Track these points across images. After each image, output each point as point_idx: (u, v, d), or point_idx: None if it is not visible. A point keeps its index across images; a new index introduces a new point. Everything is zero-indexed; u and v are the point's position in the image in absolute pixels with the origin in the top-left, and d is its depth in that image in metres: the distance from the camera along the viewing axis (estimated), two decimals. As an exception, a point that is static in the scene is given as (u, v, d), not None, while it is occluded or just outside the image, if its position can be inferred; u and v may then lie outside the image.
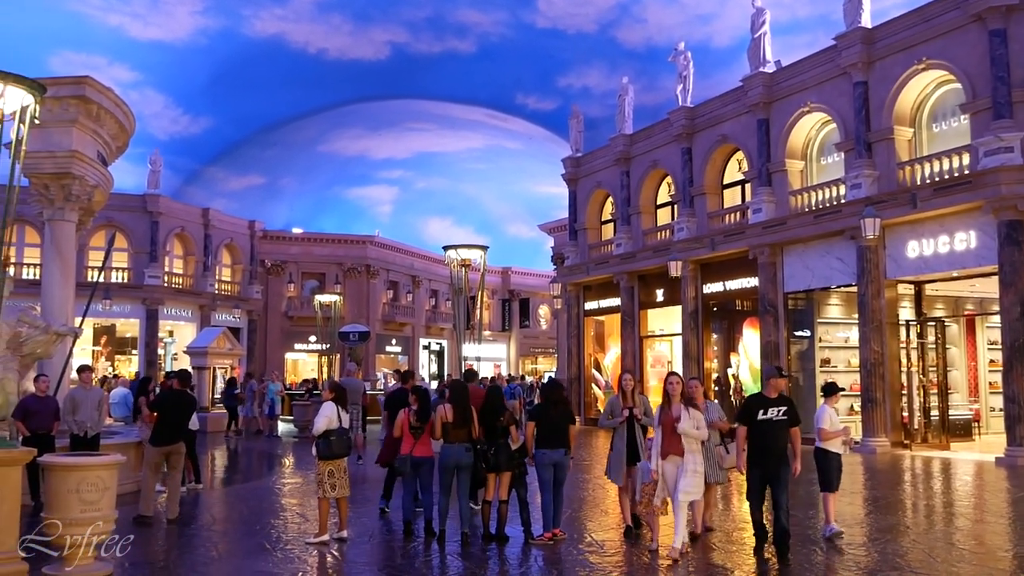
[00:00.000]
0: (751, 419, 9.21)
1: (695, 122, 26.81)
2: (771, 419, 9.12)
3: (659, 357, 30.13)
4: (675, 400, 9.29)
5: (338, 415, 10.13)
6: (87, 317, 16.61)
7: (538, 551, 9.62)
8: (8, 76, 7.47)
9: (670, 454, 9.15)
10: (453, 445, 10.10)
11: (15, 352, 13.48)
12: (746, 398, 9.85)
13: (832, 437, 10.35)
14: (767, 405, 9.19)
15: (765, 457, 9.10)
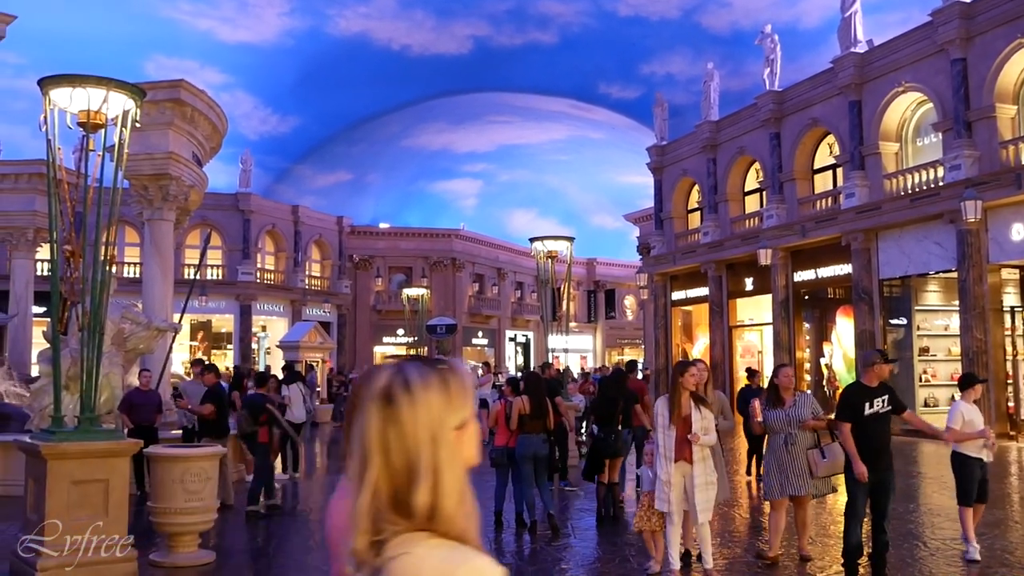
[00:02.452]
0: (858, 414, 7.61)
1: (783, 106, 26.24)
2: (877, 412, 7.59)
3: (748, 347, 29.65)
4: (684, 395, 7.69)
5: None
6: (185, 313, 17.13)
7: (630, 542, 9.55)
8: (110, 82, 7.70)
9: (680, 459, 7.65)
10: (530, 436, 10.22)
11: (119, 348, 14.00)
12: (845, 389, 8.24)
13: (964, 439, 8.52)
14: (872, 396, 7.61)
15: (874, 459, 7.52)
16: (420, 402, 1.60)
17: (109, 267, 7.92)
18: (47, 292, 23.84)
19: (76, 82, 7.66)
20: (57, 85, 7.67)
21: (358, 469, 1.61)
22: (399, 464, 1.58)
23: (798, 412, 8.14)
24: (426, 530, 1.57)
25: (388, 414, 1.60)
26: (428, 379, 1.63)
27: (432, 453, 1.59)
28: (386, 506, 1.58)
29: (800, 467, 8.11)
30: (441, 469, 1.60)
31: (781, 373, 8.46)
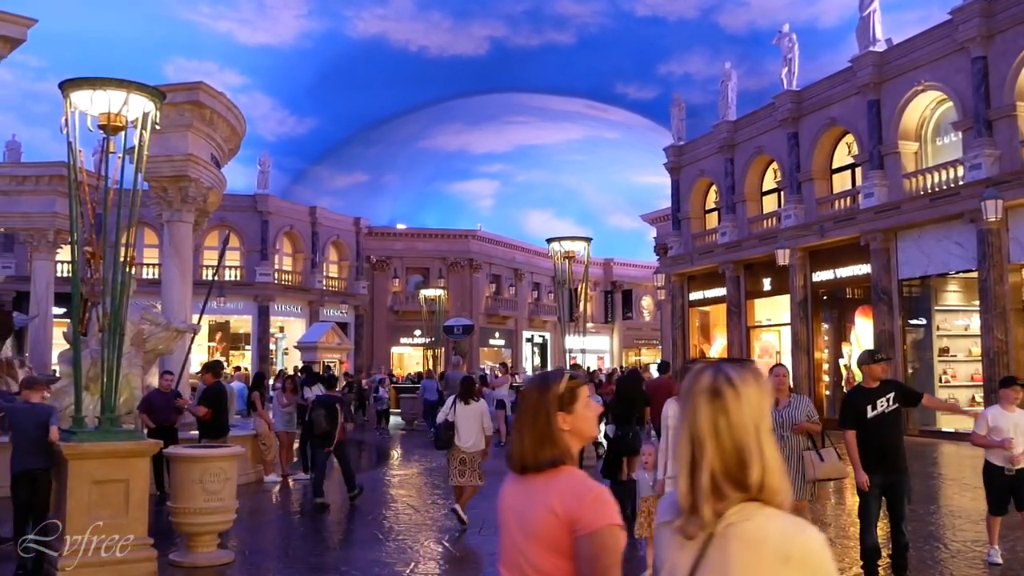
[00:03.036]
0: (861, 418, 7.41)
1: (801, 106, 26.11)
2: (883, 413, 7.32)
3: (766, 348, 29.51)
4: None
5: (452, 409, 10.62)
6: (204, 314, 17.22)
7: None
8: (131, 85, 7.76)
9: None
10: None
11: (139, 348, 14.08)
12: (846, 394, 7.98)
13: (985, 446, 8.28)
14: (873, 398, 7.38)
15: (883, 461, 7.31)
16: (743, 395, 2.02)
17: (129, 269, 7.98)
18: (67, 293, 24.06)
19: (97, 85, 7.72)
20: (78, 88, 7.74)
21: (689, 452, 2.03)
22: (728, 447, 1.99)
23: (792, 414, 7.82)
24: (756, 500, 1.98)
25: (717, 406, 2.01)
26: (745, 376, 2.05)
27: (757, 437, 2.00)
28: (722, 481, 1.98)
29: (791, 470, 7.57)
30: (765, 450, 2.00)
31: (774, 373, 8.11)
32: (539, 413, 2.65)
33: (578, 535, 2.43)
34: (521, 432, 2.67)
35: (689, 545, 2.03)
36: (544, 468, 2.59)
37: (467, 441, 10.57)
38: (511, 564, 2.60)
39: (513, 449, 2.69)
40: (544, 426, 2.63)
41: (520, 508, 2.60)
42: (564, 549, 2.47)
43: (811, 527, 1.99)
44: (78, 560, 7.27)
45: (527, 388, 2.81)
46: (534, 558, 2.51)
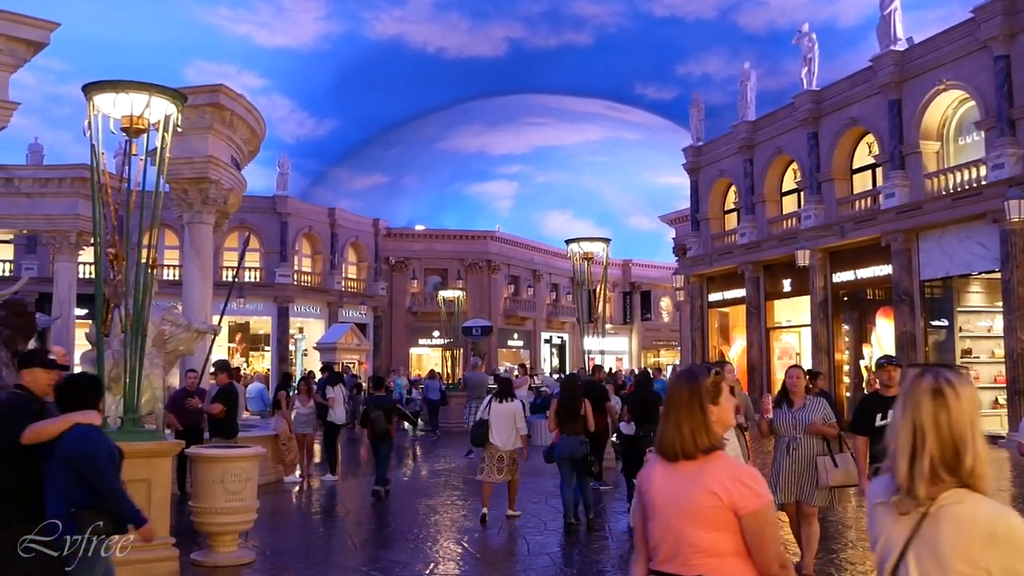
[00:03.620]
0: (868, 426, 7.10)
1: (821, 106, 25.97)
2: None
3: (786, 349, 29.37)
4: None
5: (487, 408, 11.09)
6: (224, 315, 17.31)
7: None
8: (153, 87, 7.82)
9: None
10: (567, 437, 10.46)
11: (160, 349, 14.14)
12: (861, 399, 7.75)
13: None
14: (886, 407, 6.76)
15: None
16: (962, 395, 2.43)
17: (151, 270, 8.03)
18: (89, 295, 24.13)
19: (119, 88, 7.78)
20: (101, 91, 7.80)
21: (910, 442, 2.42)
22: (947, 439, 2.39)
23: (807, 416, 7.60)
24: (965, 486, 2.37)
25: (939, 403, 2.42)
26: (962, 379, 2.47)
27: (972, 431, 2.40)
28: (939, 468, 2.38)
29: (800, 475, 7.52)
30: (977, 442, 2.40)
31: (789, 375, 7.94)
32: (692, 406, 3.06)
33: (743, 514, 2.89)
34: (676, 423, 3.06)
35: (903, 520, 2.44)
36: (700, 455, 3.00)
37: (501, 439, 10.91)
38: (664, 541, 2.99)
39: (666, 439, 3.07)
40: (698, 417, 3.04)
41: (675, 491, 2.99)
42: (722, 525, 2.90)
43: (1015, 513, 2.35)
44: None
45: (675, 384, 3.20)
46: (691, 535, 2.91)
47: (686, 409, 3.05)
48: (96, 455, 4.95)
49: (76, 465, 4.91)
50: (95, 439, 5.03)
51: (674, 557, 2.95)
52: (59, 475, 4.93)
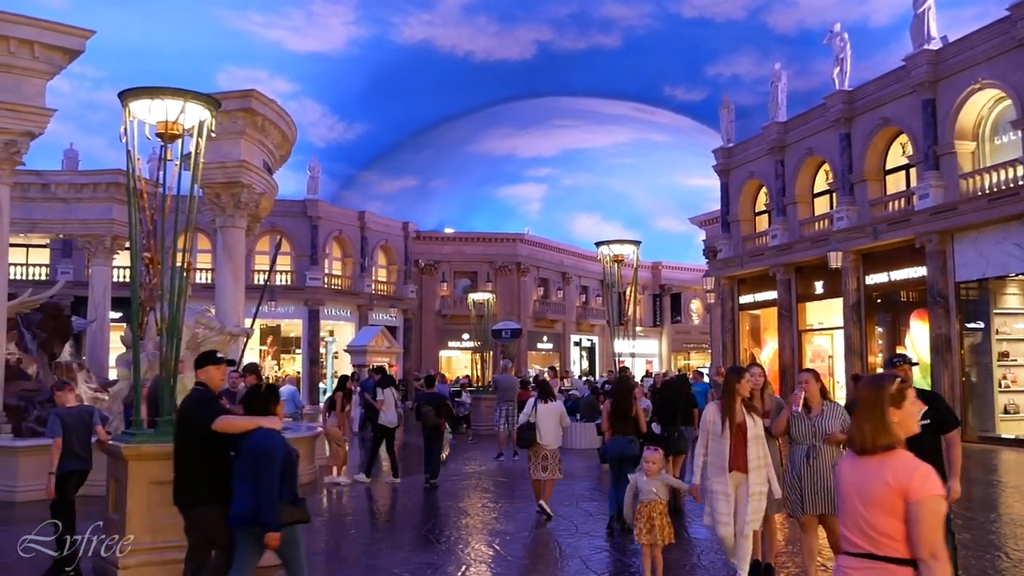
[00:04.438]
0: None
1: (854, 106, 25.75)
2: None
3: (819, 352, 29.13)
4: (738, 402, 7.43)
5: (532, 409, 11.46)
6: (256, 318, 17.43)
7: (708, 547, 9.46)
8: (187, 94, 7.90)
9: (735, 469, 7.32)
10: (617, 437, 10.56)
11: (193, 352, 14.30)
12: None
13: None
14: None
15: None
16: None
17: (186, 274, 8.12)
18: (123, 298, 24.34)
19: (155, 94, 7.87)
20: (137, 97, 7.89)
21: None
22: None
23: (825, 423, 7.30)
24: None
25: None
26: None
27: None
28: None
29: (821, 484, 7.21)
30: None
31: (802, 379, 7.64)
32: (876, 408, 3.54)
33: (909, 501, 3.30)
34: (861, 423, 3.56)
35: None
36: (880, 451, 3.47)
37: (547, 438, 11.36)
38: (852, 525, 3.47)
39: (854, 435, 3.60)
40: (880, 418, 3.50)
41: (859, 481, 3.48)
42: (897, 512, 3.33)
43: None
44: (138, 559, 7.41)
45: (863, 387, 3.68)
46: (872, 520, 3.38)
47: (869, 410, 3.54)
48: (273, 456, 5.82)
49: (256, 460, 5.79)
50: (276, 441, 5.93)
51: (862, 539, 3.42)
52: (247, 468, 5.85)
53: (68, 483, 8.33)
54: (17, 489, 12.16)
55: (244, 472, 5.87)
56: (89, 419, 8.60)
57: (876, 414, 3.49)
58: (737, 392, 7.39)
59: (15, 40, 14.27)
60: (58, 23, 14.94)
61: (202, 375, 6.42)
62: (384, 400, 15.75)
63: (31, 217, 24.05)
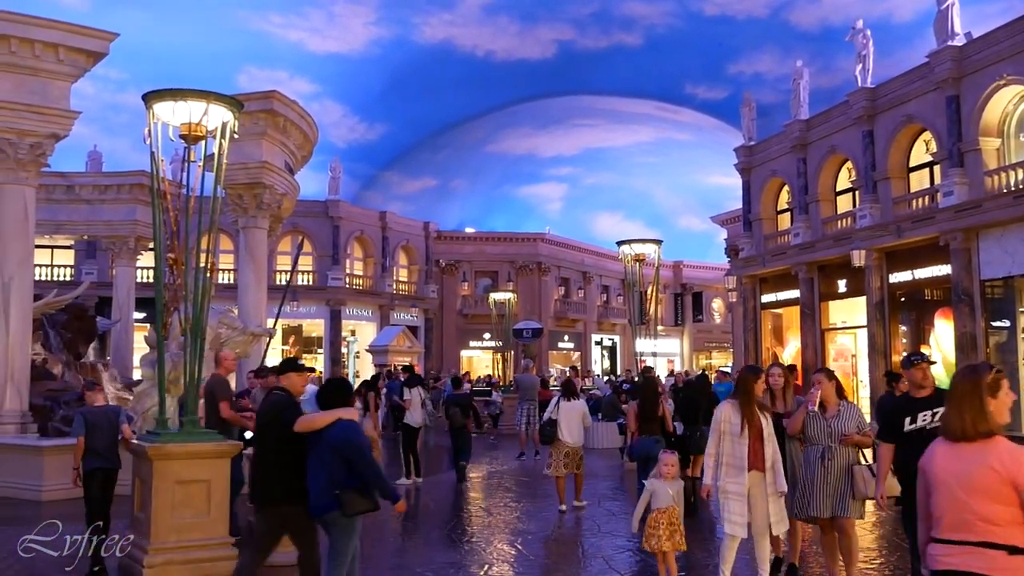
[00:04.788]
0: (896, 432, 6.54)
1: (876, 103, 25.54)
2: (924, 428, 6.32)
3: (842, 350, 28.92)
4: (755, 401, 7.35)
5: (555, 407, 11.79)
6: (278, 318, 17.50)
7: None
8: (210, 95, 7.95)
9: (754, 468, 7.21)
10: (645, 437, 10.79)
11: (216, 352, 14.37)
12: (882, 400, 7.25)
13: None
14: (915, 409, 6.47)
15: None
16: None
17: (209, 274, 8.16)
18: (147, 298, 24.48)
19: (178, 96, 7.92)
20: (160, 99, 7.95)
21: None
22: None
23: (841, 424, 7.21)
24: None
25: None
26: None
27: None
28: None
29: (835, 486, 7.13)
30: None
31: (814, 380, 7.50)
32: (974, 397, 3.68)
33: (1021, 488, 3.44)
34: (959, 411, 3.69)
35: None
36: (980, 438, 3.60)
37: (570, 436, 11.66)
38: (948, 512, 3.57)
39: (949, 424, 3.74)
40: (978, 407, 3.65)
41: (958, 468, 3.60)
42: (1002, 498, 3.44)
43: None
44: (164, 558, 7.46)
45: (959, 377, 3.87)
46: (976, 506, 3.48)
47: (968, 399, 3.69)
48: (359, 443, 6.19)
49: (341, 451, 6.08)
50: (356, 431, 6.32)
51: (959, 526, 3.52)
52: (326, 460, 6.12)
53: (92, 481, 8.52)
54: (43, 488, 12.28)
55: (320, 464, 6.15)
56: (115, 418, 8.73)
57: (975, 403, 3.65)
58: (755, 392, 7.32)
59: (40, 43, 14.40)
60: (82, 26, 15.08)
61: (284, 380, 6.77)
62: (410, 400, 15.77)
63: (56, 219, 24.28)
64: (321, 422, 6.26)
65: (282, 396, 6.64)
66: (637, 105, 43.62)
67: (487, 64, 41.20)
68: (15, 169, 14.55)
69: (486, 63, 41.17)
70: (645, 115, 44.72)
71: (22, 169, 14.61)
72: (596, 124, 46.34)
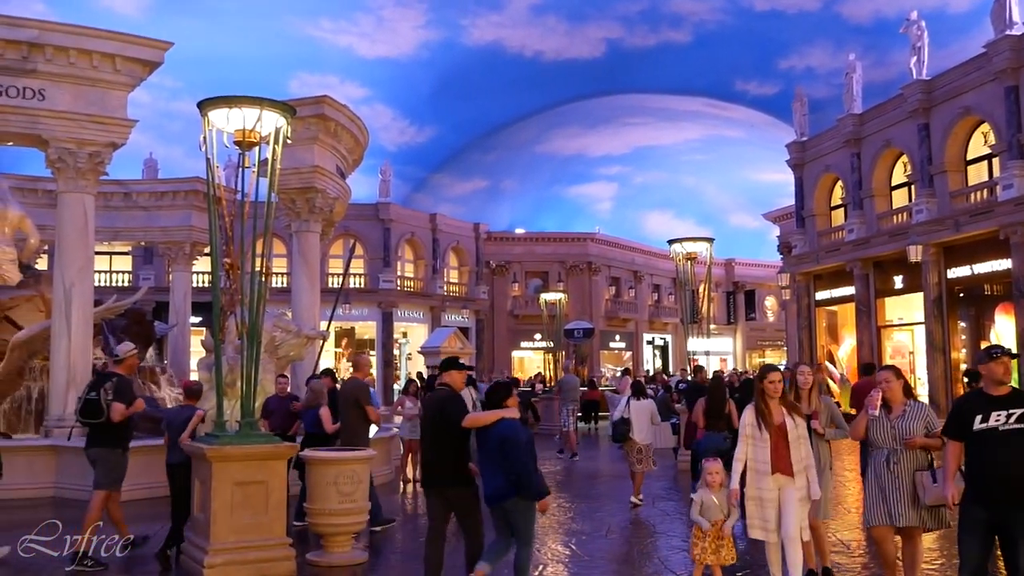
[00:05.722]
0: (965, 430, 5.95)
1: (932, 95, 25.06)
2: (996, 429, 5.77)
3: (899, 348, 28.44)
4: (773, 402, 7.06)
5: (626, 406, 12.34)
6: (332, 321, 17.68)
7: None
8: (264, 101, 8.06)
9: (778, 472, 6.91)
10: (713, 433, 11.06)
11: (271, 355, 14.56)
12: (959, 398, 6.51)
13: None
14: (989, 407, 5.85)
15: (990, 490, 5.73)
16: None
17: (264, 278, 8.28)
18: (203, 303, 24.84)
19: (232, 103, 8.05)
20: (215, 107, 8.08)
21: None
22: None
23: (906, 425, 6.64)
24: None
25: None
26: None
27: None
28: None
29: (904, 492, 6.57)
30: None
31: (883, 376, 6.89)
32: None
33: None
34: None
35: None
36: None
37: (640, 433, 12.17)
38: None
39: None
40: None
41: None
42: None
43: None
44: (223, 559, 7.58)
45: None
46: None
47: None
48: (518, 439, 6.79)
49: (502, 446, 6.73)
50: (517, 429, 6.90)
51: None
52: (494, 453, 6.81)
53: (176, 473, 8.89)
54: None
55: (489, 458, 6.85)
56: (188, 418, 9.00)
57: None
58: (765, 393, 7.02)
59: (98, 54, 14.71)
60: (138, 36, 15.37)
61: (447, 377, 7.44)
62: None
63: (114, 225, 24.77)
64: (486, 419, 6.94)
65: (446, 391, 7.36)
66: (687, 102, 43.31)
67: (536, 64, 41.20)
68: (75, 178, 14.89)
69: (535, 63, 41.17)
70: (695, 112, 44.39)
71: (82, 178, 14.94)
72: (646, 122, 46.09)
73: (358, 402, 10.26)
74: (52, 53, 14.35)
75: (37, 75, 14.42)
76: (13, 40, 14.12)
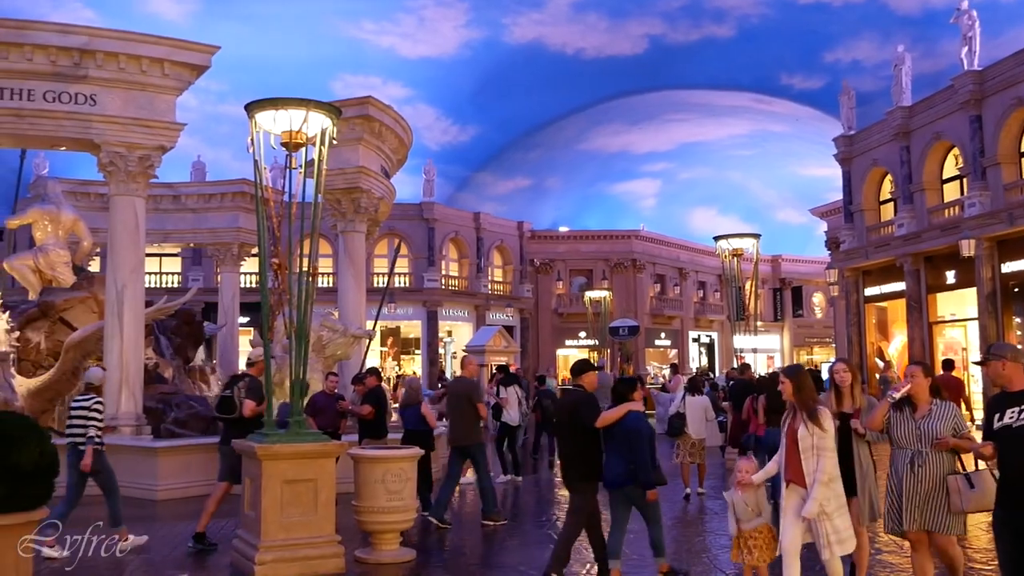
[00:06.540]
0: (986, 429, 5.71)
1: (984, 86, 24.56)
2: (1010, 426, 5.49)
3: (951, 344, 27.92)
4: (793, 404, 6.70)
5: (681, 402, 12.87)
6: (377, 320, 17.79)
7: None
8: (310, 103, 8.13)
9: (791, 481, 6.54)
10: (773, 429, 10.74)
11: (318, 354, 14.71)
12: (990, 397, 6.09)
13: None
14: (1005, 406, 5.58)
15: (1008, 492, 5.46)
16: None
17: (311, 279, 8.35)
18: (251, 303, 25.08)
19: (279, 105, 8.13)
20: (262, 109, 8.17)
21: None
22: None
23: (932, 425, 6.21)
24: None
25: None
26: None
27: None
28: None
29: (927, 497, 6.19)
30: None
31: (908, 373, 6.49)
32: None
33: None
34: None
35: None
36: None
37: (695, 428, 12.68)
38: None
39: None
40: None
41: None
42: None
43: None
44: (274, 556, 7.66)
45: None
46: None
47: None
48: (641, 432, 7.46)
49: (627, 436, 7.41)
50: (641, 422, 7.55)
51: None
52: (620, 443, 7.49)
53: None
54: (157, 488, 12.72)
55: (617, 447, 7.50)
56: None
57: None
58: (788, 395, 6.65)
59: (147, 59, 14.95)
60: (185, 41, 15.60)
61: (583, 378, 7.94)
62: (506, 398, 15.78)
63: (164, 227, 25.15)
64: (615, 415, 7.51)
65: (580, 393, 7.90)
66: (731, 98, 42.89)
67: (577, 62, 41.09)
68: (126, 181, 15.15)
69: (576, 61, 41.06)
70: (740, 107, 43.95)
71: (132, 181, 15.20)
72: (689, 118, 45.74)
73: (470, 399, 11.13)
74: (102, 59, 14.62)
75: (88, 81, 14.70)
76: (65, 47, 14.41)
